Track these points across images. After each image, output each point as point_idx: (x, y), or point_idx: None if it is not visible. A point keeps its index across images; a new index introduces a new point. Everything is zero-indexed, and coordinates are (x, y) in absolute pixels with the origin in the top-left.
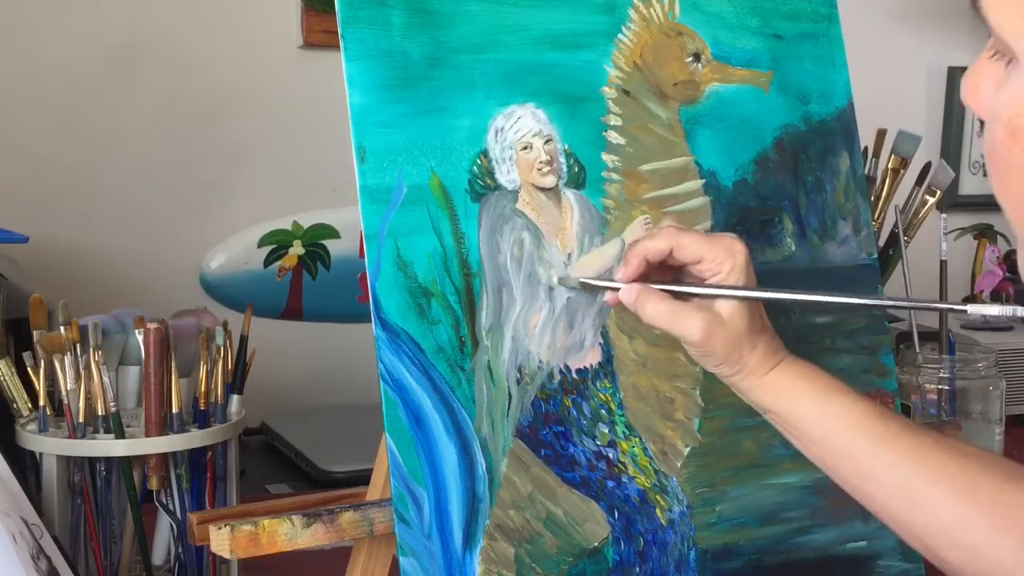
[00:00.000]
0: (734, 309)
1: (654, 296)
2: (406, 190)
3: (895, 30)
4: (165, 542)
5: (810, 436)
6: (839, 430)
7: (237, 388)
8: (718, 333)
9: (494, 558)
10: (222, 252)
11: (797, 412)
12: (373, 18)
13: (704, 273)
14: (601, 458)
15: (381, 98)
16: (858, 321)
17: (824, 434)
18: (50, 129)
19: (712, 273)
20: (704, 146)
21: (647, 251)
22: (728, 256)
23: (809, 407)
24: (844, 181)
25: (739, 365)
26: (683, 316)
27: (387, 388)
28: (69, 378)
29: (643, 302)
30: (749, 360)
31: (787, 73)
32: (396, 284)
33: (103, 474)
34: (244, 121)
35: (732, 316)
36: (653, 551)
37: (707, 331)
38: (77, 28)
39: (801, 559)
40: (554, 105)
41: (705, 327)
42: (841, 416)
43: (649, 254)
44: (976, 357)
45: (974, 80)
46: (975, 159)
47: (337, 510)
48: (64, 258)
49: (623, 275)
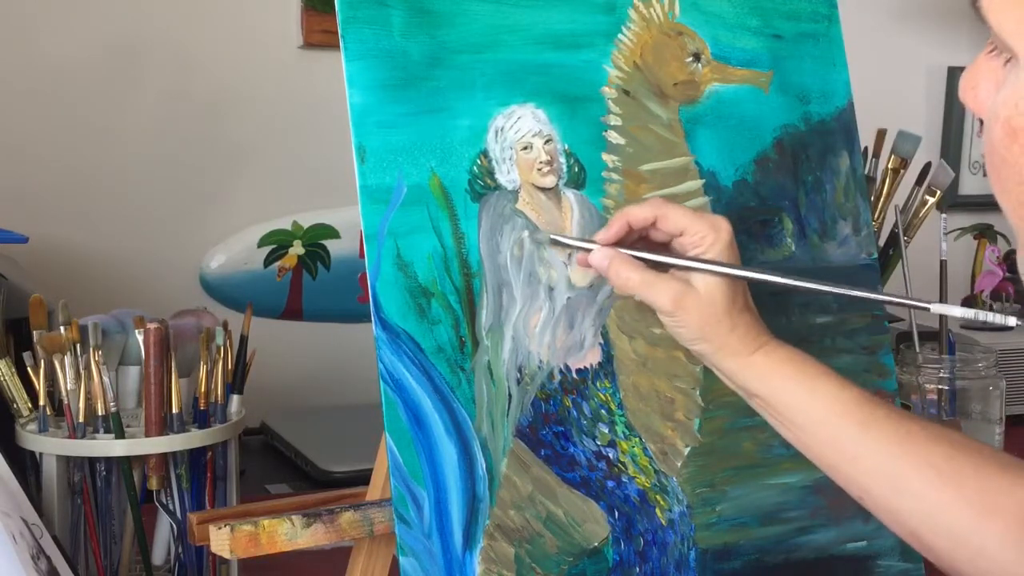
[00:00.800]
0: (712, 284)
1: (627, 262)
2: (406, 190)
3: (895, 30)
4: (165, 542)
5: (794, 421)
6: (824, 416)
7: (237, 388)
8: (691, 304)
9: (494, 558)
10: (222, 252)
11: (782, 397)
12: (373, 18)
13: (686, 246)
14: (601, 458)
15: (381, 98)
16: (858, 321)
17: (809, 420)
18: (50, 129)
19: (694, 247)
20: (704, 146)
21: (630, 216)
22: (711, 230)
23: (794, 392)
24: (844, 181)
25: (717, 343)
26: (654, 284)
27: (387, 388)
28: (69, 378)
29: (616, 267)
30: (729, 339)
31: (787, 73)
32: (396, 284)
33: (103, 474)
34: (244, 121)
35: (709, 290)
36: (653, 551)
37: (678, 300)
38: (77, 28)
39: (801, 559)
40: (554, 105)
41: (676, 296)
42: (826, 401)
43: (632, 219)
44: (976, 357)
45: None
46: (975, 159)
47: (337, 510)
48: (64, 258)
49: (603, 236)
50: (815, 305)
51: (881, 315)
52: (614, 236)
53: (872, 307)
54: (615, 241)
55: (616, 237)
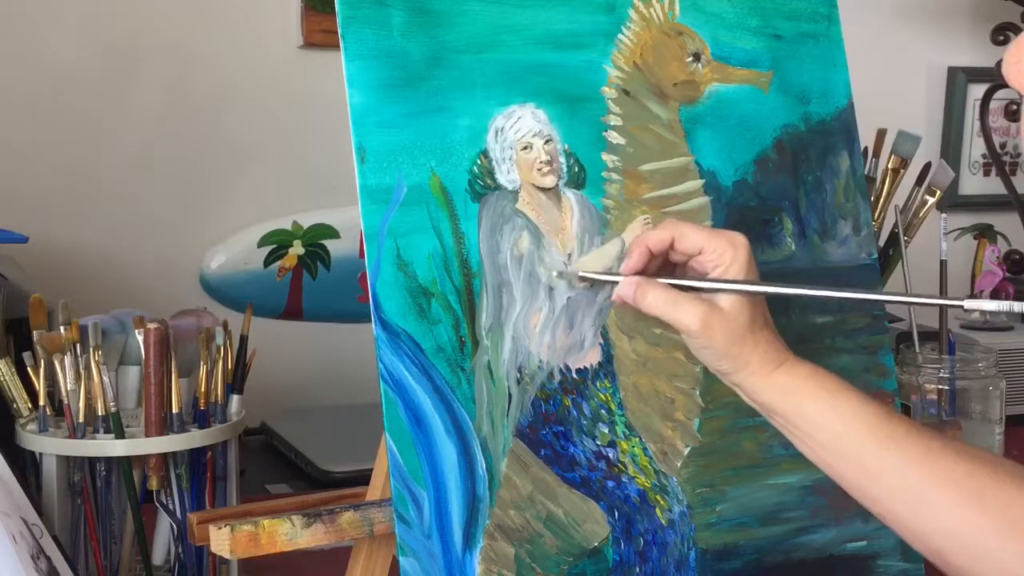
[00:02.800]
0: (736, 303)
1: (654, 286)
2: (406, 190)
3: (895, 30)
4: (165, 542)
5: (816, 438)
6: (847, 432)
7: (237, 388)
8: (717, 324)
9: (494, 558)
10: (222, 252)
11: (804, 414)
12: (373, 18)
13: (705, 265)
14: (601, 458)
15: (381, 98)
16: (858, 321)
17: (831, 436)
18: (50, 129)
19: (713, 265)
20: (704, 146)
21: (649, 241)
22: (729, 247)
23: (817, 409)
24: (844, 181)
25: (740, 361)
26: (682, 305)
27: (387, 388)
28: (69, 378)
29: (643, 292)
30: (751, 357)
31: (787, 73)
32: (396, 284)
33: (103, 474)
34: (244, 121)
35: (733, 308)
36: (653, 551)
37: (705, 320)
38: (77, 28)
39: (801, 559)
40: (554, 105)
41: (703, 316)
42: (849, 418)
43: (651, 244)
44: (976, 357)
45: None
46: (975, 159)
47: (337, 510)
48: (64, 258)
49: (625, 267)
50: (815, 305)
51: (881, 315)
52: (636, 264)
53: (872, 307)
54: (639, 269)
55: (638, 265)
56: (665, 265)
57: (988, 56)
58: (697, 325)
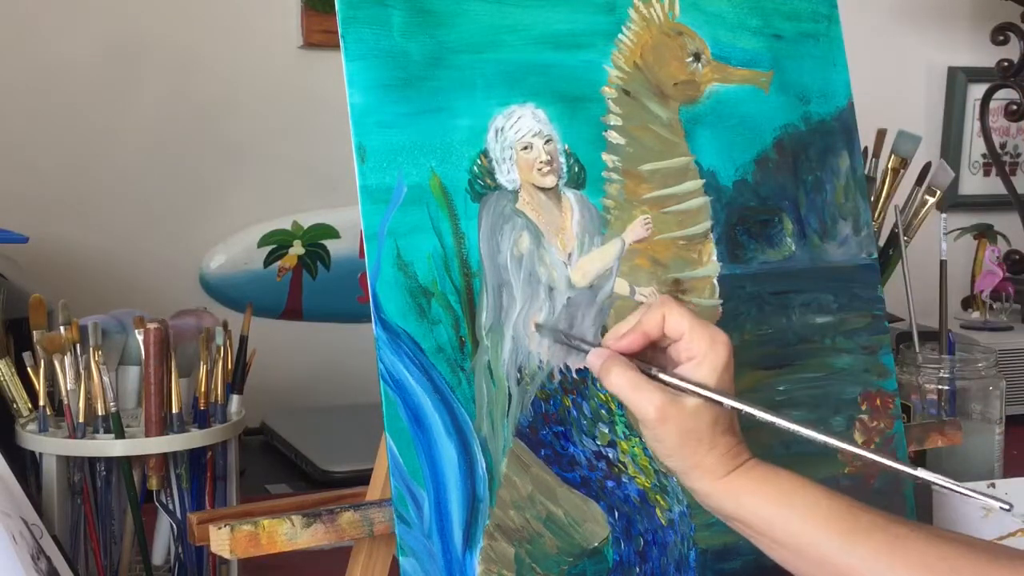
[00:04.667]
0: (699, 401)
1: (619, 364)
2: (406, 190)
3: (895, 30)
4: (165, 542)
5: (776, 540)
6: (803, 528)
7: (237, 388)
8: (674, 418)
9: (494, 558)
10: (222, 252)
11: (759, 513)
12: (373, 18)
13: (680, 353)
14: (601, 458)
15: (381, 98)
16: (858, 321)
17: (788, 534)
18: (50, 129)
19: (688, 356)
20: (704, 146)
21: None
22: (709, 342)
23: (770, 508)
24: (844, 181)
25: (692, 461)
26: (643, 391)
27: (387, 388)
28: (69, 378)
29: (607, 368)
30: (704, 459)
31: (787, 73)
32: (396, 284)
33: (103, 474)
34: (244, 121)
35: (696, 407)
36: (653, 551)
37: (663, 412)
38: (77, 28)
39: None
40: (554, 105)
41: (661, 407)
42: (805, 514)
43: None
44: (976, 357)
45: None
46: (975, 159)
47: (337, 510)
48: (64, 258)
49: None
50: (815, 305)
51: (881, 315)
52: (624, 347)
53: (872, 307)
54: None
55: (626, 349)
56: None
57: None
58: (653, 415)
